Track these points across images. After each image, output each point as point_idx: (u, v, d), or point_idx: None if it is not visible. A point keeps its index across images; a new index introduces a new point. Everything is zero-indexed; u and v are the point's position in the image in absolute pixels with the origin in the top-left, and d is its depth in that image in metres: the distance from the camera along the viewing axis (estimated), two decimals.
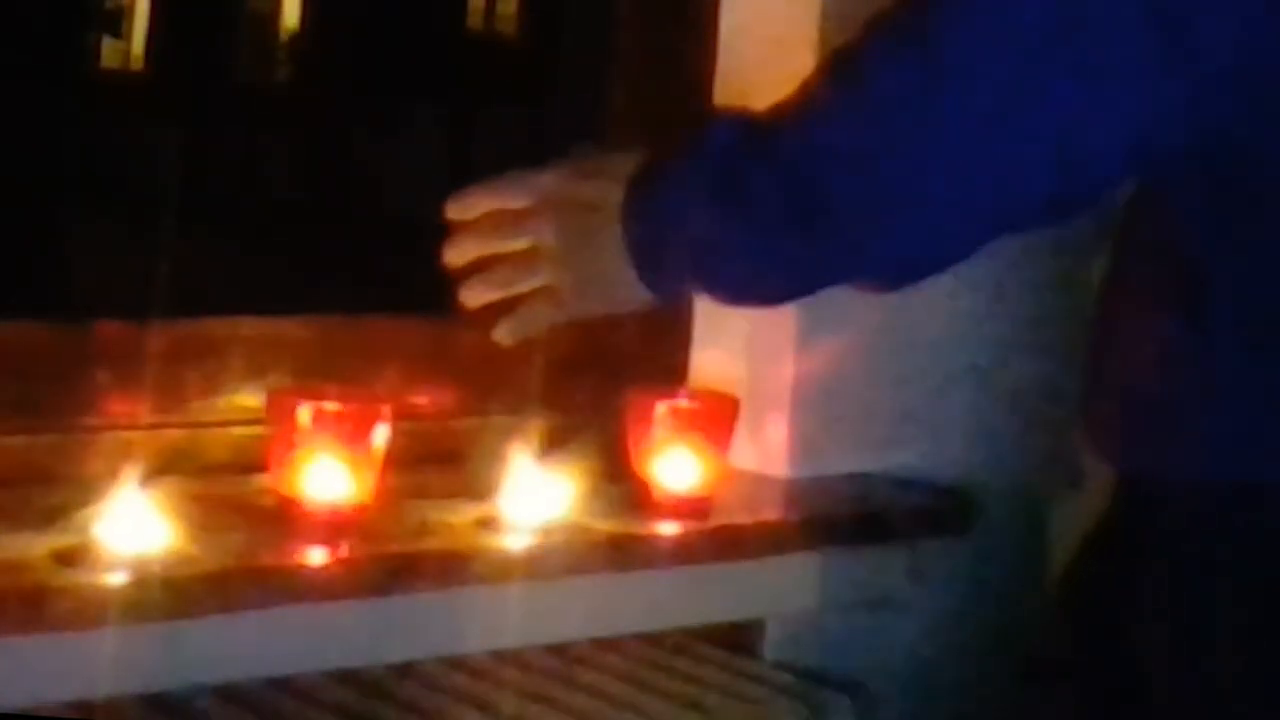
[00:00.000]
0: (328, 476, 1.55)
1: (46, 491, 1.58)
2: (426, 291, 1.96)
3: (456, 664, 1.65)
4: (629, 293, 1.57)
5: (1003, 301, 1.98)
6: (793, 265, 1.51)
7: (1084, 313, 1.67)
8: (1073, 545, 1.63)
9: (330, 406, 1.57)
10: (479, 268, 1.62)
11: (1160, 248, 1.47)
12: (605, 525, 1.68)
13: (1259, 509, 1.42)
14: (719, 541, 1.75)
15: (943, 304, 1.93)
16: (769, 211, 1.47)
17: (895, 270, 1.52)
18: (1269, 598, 1.42)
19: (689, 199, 1.51)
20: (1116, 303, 1.53)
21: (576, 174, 1.59)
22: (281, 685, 1.56)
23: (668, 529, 1.72)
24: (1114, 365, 1.52)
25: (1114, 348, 1.53)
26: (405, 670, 1.62)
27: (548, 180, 1.60)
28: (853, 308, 1.89)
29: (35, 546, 1.46)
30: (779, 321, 1.87)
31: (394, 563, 1.56)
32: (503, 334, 1.63)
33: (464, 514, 1.65)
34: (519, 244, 1.61)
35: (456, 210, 1.62)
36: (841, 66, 1.48)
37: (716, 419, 1.77)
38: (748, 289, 1.58)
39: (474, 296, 1.62)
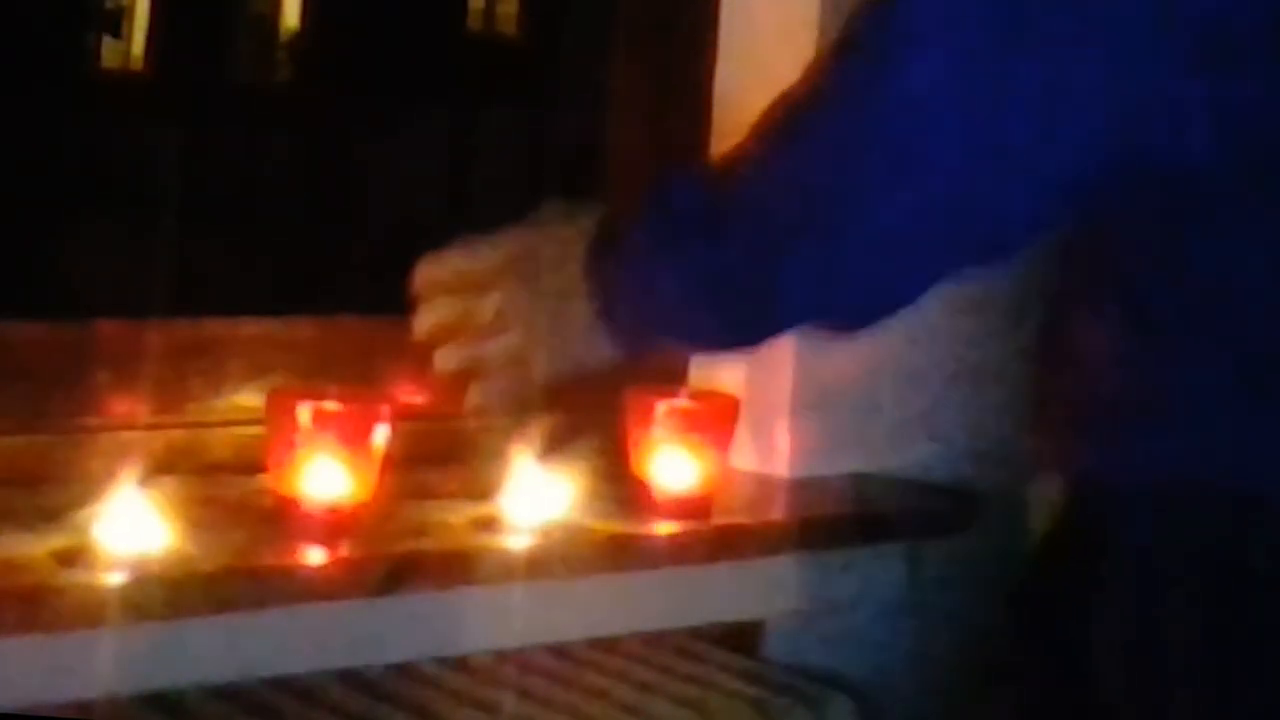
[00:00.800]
0: (327, 476, 1.55)
1: (46, 491, 1.58)
2: None
3: (456, 664, 1.65)
4: (596, 351, 1.58)
5: (1002, 302, 1.98)
6: (753, 323, 1.52)
7: None
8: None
9: (330, 406, 1.57)
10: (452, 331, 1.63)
11: (1101, 261, 1.48)
12: (605, 525, 1.68)
13: (1203, 515, 1.42)
14: (719, 541, 1.75)
15: (942, 305, 1.93)
16: (728, 276, 1.48)
17: (851, 319, 1.53)
18: (1216, 605, 1.42)
19: (650, 260, 1.52)
20: (1065, 312, 1.54)
21: (540, 234, 1.60)
22: (281, 685, 1.56)
23: (667, 529, 1.72)
24: (1064, 373, 1.53)
25: (1063, 356, 1.53)
26: (405, 670, 1.62)
27: (512, 242, 1.60)
28: None
29: (35, 546, 1.46)
30: None
31: (394, 563, 1.56)
32: (471, 403, 1.63)
33: (464, 514, 1.65)
34: (486, 306, 1.61)
35: (425, 273, 1.62)
36: (788, 118, 1.50)
37: (716, 419, 1.77)
38: (713, 343, 1.61)
39: (445, 362, 1.62)
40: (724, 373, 1.90)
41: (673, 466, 1.74)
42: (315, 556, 1.53)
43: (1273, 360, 1.41)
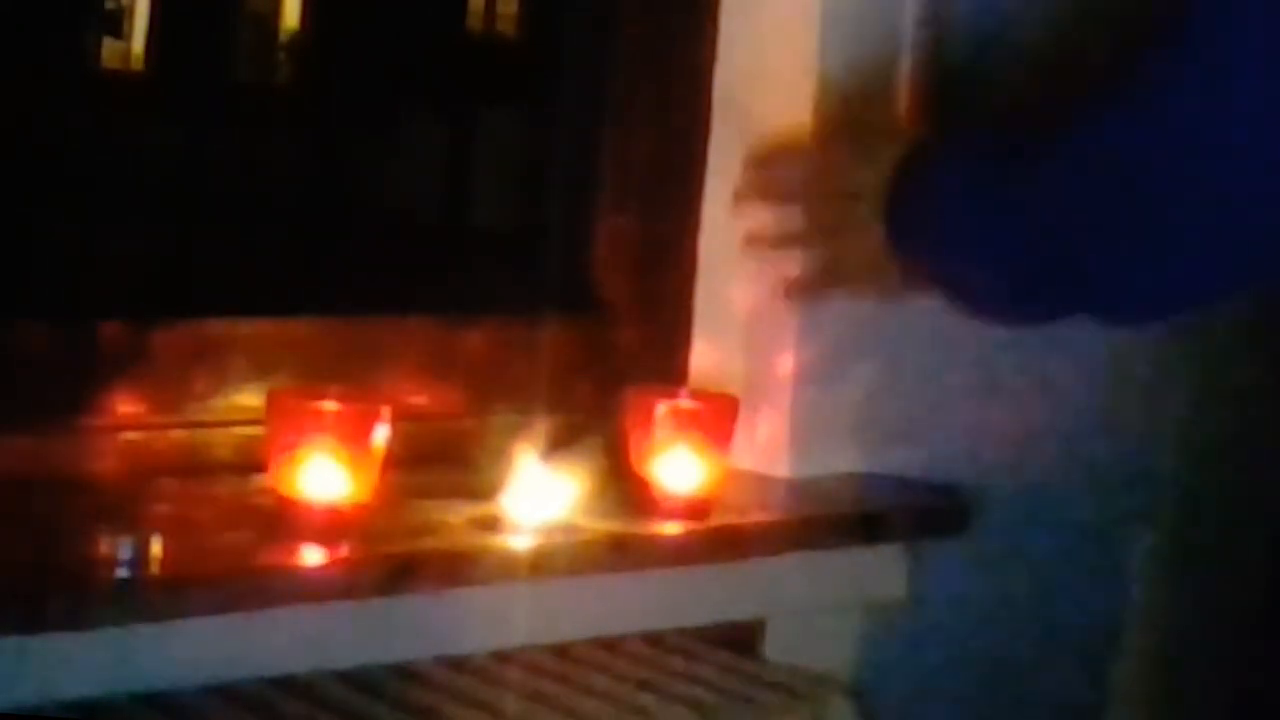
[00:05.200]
0: (328, 476, 1.55)
1: (44, 492, 1.58)
2: (426, 291, 1.96)
3: (456, 664, 1.65)
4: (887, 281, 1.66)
5: None
6: (1034, 288, 1.54)
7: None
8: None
9: (330, 406, 1.57)
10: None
11: None
12: (605, 525, 1.68)
13: None
14: (719, 541, 1.75)
15: (942, 304, 1.93)
16: (1016, 233, 1.50)
17: (1134, 304, 1.53)
18: None
19: (952, 203, 1.54)
20: None
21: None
22: (281, 685, 1.56)
23: (668, 529, 1.72)
24: None
25: None
26: (405, 670, 1.62)
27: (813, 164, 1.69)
28: (852, 308, 1.89)
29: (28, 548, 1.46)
30: (779, 321, 1.87)
31: (394, 563, 1.56)
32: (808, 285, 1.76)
33: (464, 514, 1.65)
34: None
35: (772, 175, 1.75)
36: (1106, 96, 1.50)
37: (716, 419, 1.77)
38: (996, 306, 1.63)
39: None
40: (724, 372, 1.90)
41: (673, 466, 1.74)
42: (315, 556, 1.53)
43: None
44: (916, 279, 1.68)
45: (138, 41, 2.41)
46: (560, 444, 1.75)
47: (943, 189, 1.62)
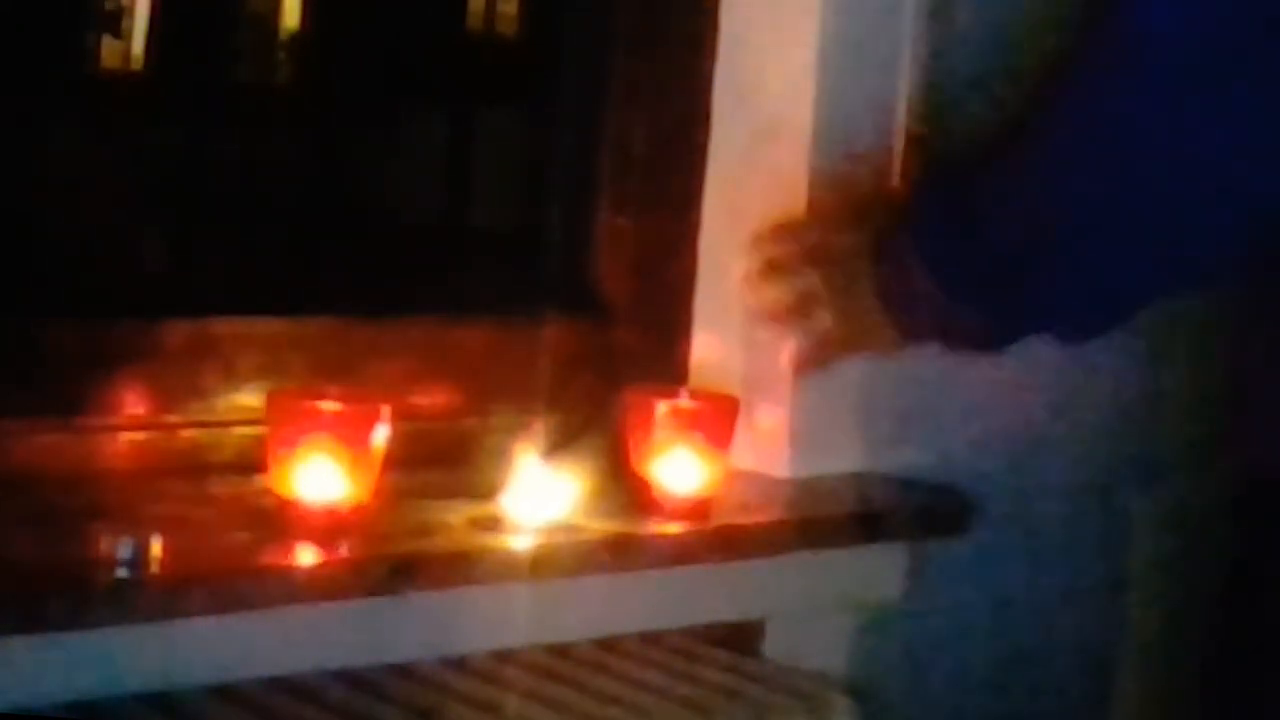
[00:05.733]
0: (327, 477, 1.55)
1: (44, 491, 1.58)
2: (426, 291, 1.96)
3: (456, 664, 1.65)
4: (885, 338, 1.73)
5: None
6: (997, 328, 1.65)
7: None
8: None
9: (330, 406, 1.57)
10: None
11: None
12: (605, 525, 1.68)
13: None
14: (719, 541, 1.75)
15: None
16: (978, 281, 1.55)
17: (1074, 331, 1.59)
18: None
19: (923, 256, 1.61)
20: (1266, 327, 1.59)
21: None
22: (281, 685, 1.56)
23: (668, 529, 1.72)
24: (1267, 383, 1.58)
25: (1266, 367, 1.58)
26: (405, 670, 1.62)
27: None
28: None
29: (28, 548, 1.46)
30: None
31: (394, 563, 1.56)
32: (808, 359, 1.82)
33: (464, 514, 1.65)
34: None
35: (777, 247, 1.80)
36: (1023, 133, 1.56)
37: (716, 419, 1.77)
38: (973, 343, 1.72)
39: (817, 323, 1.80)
40: (723, 372, 1.90)
41: (673, 466, 1.74)
42: (315, 556, 1.53)
43: None
44: (910, 332, 1.72)
45: (138, 41, 2.41)
46: (560, 444, 1.75)
47: (914, 244, 1.67)
